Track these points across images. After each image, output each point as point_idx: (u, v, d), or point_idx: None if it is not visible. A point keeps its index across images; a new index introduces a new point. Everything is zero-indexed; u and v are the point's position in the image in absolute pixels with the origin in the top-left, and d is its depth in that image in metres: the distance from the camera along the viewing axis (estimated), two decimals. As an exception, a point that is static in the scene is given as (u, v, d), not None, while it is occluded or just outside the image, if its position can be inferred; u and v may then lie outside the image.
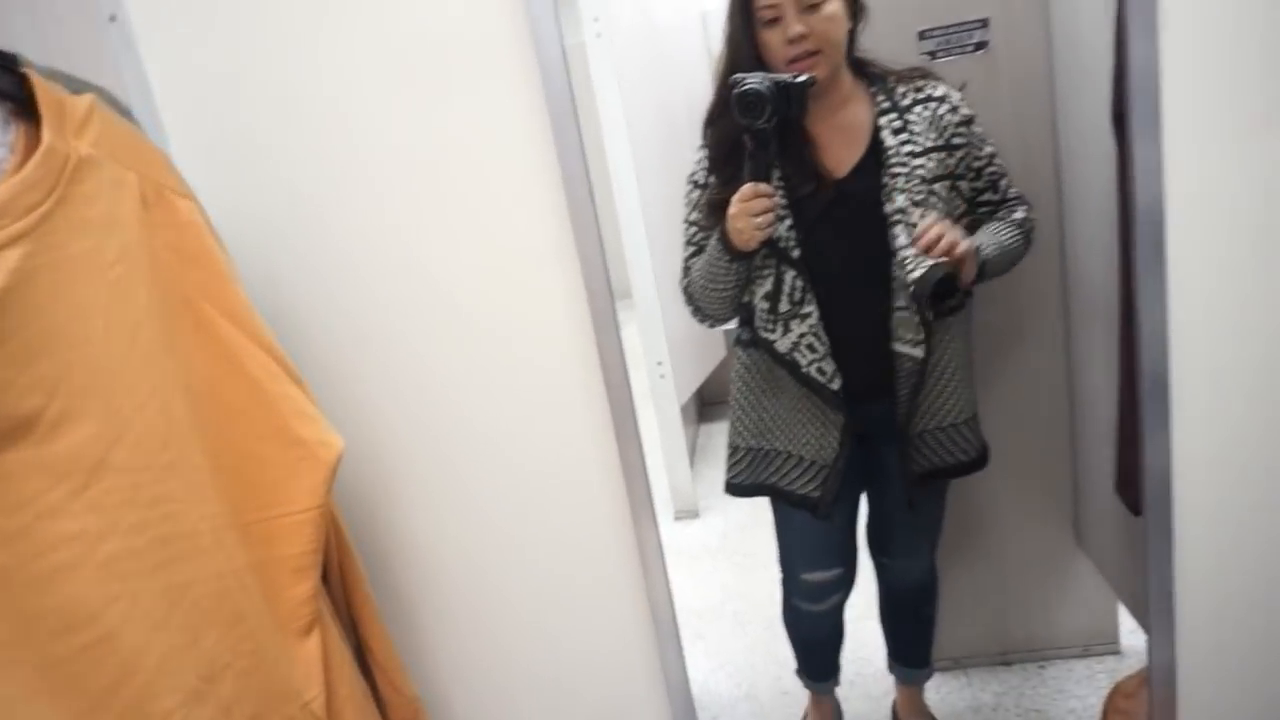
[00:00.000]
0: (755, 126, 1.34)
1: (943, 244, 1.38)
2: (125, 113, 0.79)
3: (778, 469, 1.65)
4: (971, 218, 1.59)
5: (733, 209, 1.39)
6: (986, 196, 1.59)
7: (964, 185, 1.55)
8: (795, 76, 1.36)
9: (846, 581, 1.80)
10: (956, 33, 1.83)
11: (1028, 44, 1.81)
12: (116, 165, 0.72)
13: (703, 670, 2.41)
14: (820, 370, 1.51)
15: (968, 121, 1.54)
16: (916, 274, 1.38)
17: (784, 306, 1.50)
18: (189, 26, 0.94)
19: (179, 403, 0.76)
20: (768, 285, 1.51)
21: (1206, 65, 0.88)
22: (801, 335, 1.50)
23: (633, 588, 1.09)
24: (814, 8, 1.41)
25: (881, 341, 1.51)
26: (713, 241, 1.48)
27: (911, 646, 1.96)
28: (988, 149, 1.57)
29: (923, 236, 1.39)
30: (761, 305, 1.53)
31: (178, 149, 0.87)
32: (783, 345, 1.53)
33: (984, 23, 1.82)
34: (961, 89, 1.58)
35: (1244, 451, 0.95)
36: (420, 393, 1.04)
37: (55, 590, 0.62)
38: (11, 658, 0.57)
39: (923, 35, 1.84)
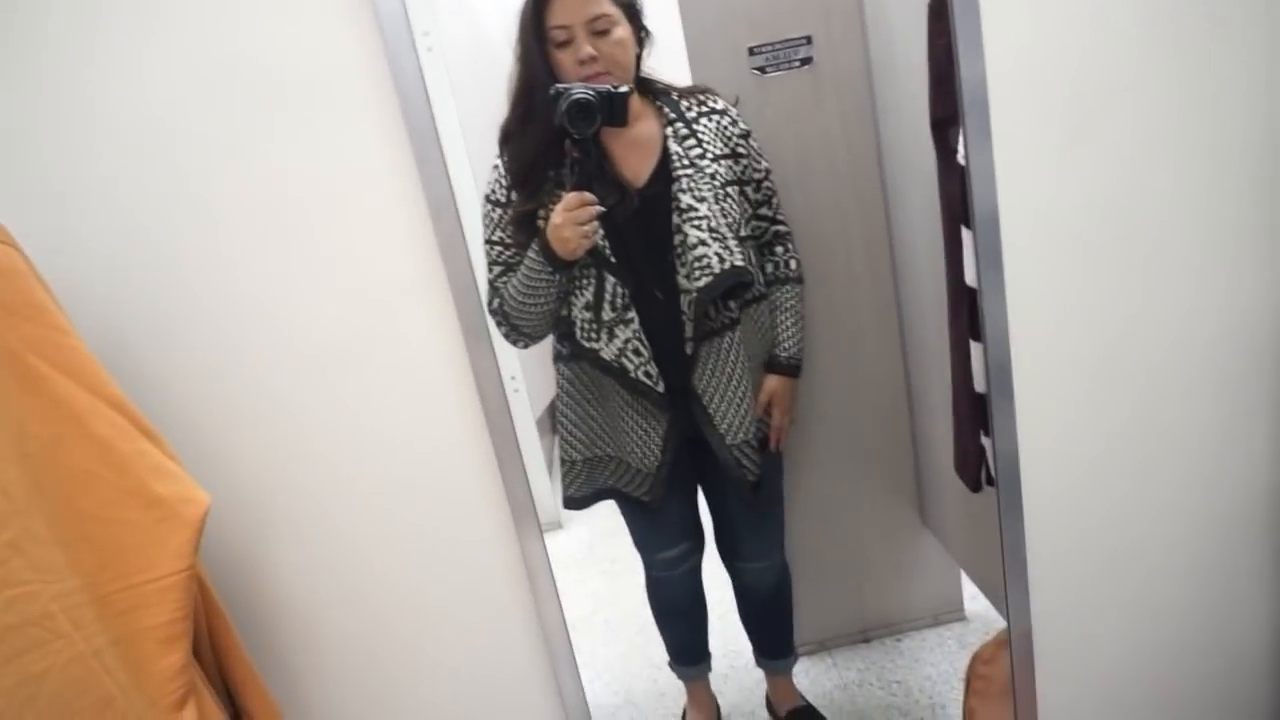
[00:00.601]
0: (583, 135, 1.37)
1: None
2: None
3: (611, 472, 1.71)
4: (751, 234, 1.69)
5: (557, 218, 1.41)
6: (762, 211, 1.72)
7: (750, 190, 1.67)
8: (615, 86, 1.41)
9: (695, 549, 1.91)
10: (783, 48, 1.93)
11: (849, 58, 1.93)
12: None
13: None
14: (647, 374, 1.57)
15: (746, 135, 1.67)
16: (702, 282, 1.50)
17: (607, 314, 1.54)
18: (11, 56, 0.84)
19: (13, 474, 0.67)
20: (588, 294, 1.55)
21: (1028, 83, 0.97)
22: (626, 340, 1.55)
23: (523, 605, 1.07)
24: (603, 33, 1.48)
25: (685, 342, 1.59)
26: (530, 254, 1.49)
27: (773, 639, 2.05)
28: (764, 164, 1.70)
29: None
30: (583, 315, 1.56)
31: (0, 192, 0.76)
32: (609, 352, 1.57)
33: (808, 39, 1.92)
34: (735, 103, 1.71)
35: (1082, 432, 1.06)
36: (288, 435, 0.98)
37: None
38: None
39: (752, 51, 1.93)
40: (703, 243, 1.53)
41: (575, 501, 1.74)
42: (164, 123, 0.89)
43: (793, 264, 1.76)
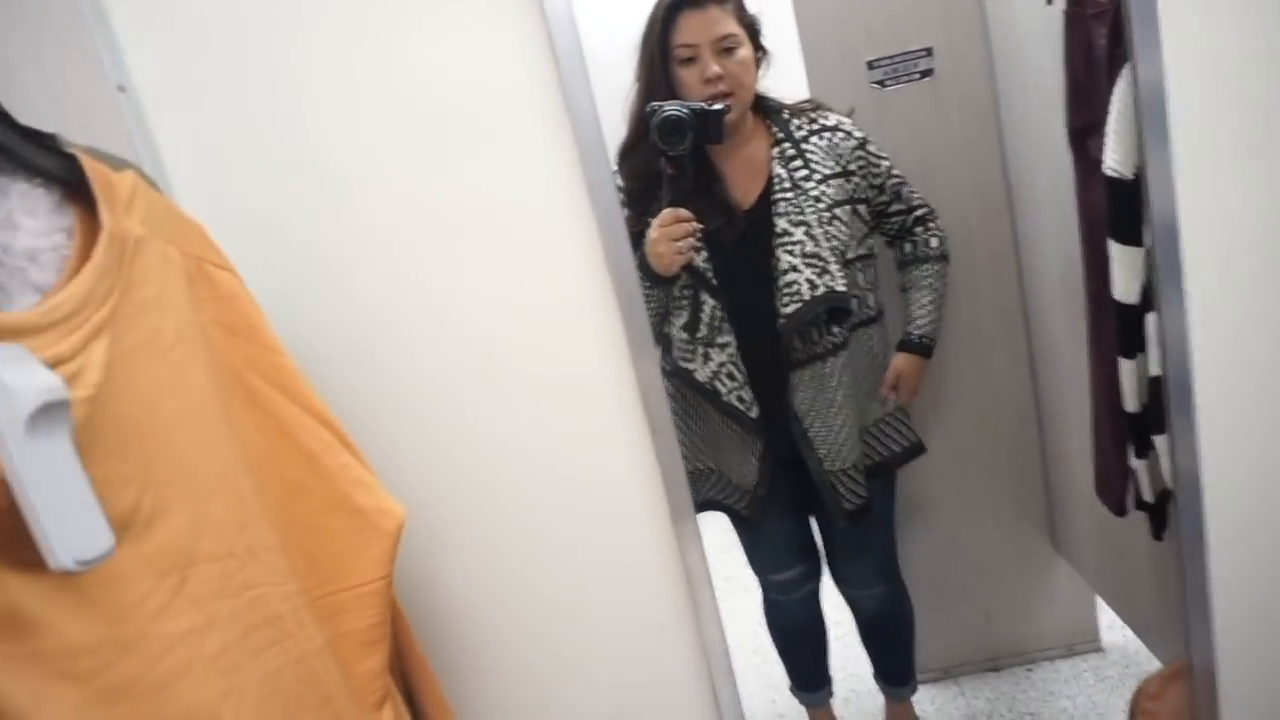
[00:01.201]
0: (675, 152, 1.38)
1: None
2: (155, 187, 0.75)
3: (713, 484, 1.70)
4: (882, 230, 1.71)
5: (653, 233, 1.43)
6: (895, 208, 1.70)
7: (863, 209, 1.64)
8: (711, 104, 1.42)
9: (811, 573, 1.88)
10: (903, 61, 1.91)
11: (971, 69, 1.89)
12: (162, 242, 0.68)
13: (695, 705, 2.39)
14: (740, 398, 1.56)
15: (862, 144, 1.64)
16: (791, 309, 1.50)
17: (702, 332, 1.55)
18: (200, 94, 0.90)
19: (245, 483, 0.71)
20: (685, 314, 1.55)
21: (1208, 90, 0.94)
22: (721, 364, 1.55)
23: (683, 622, 1.08)
24: (729, 51, 1.49)
25: (782, 367, 1.58)
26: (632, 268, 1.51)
27: (890, 665, 2.00)
28: (884, 164, 1.68)
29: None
30: (680, 335, 1.57)
31: (209, 222, 0.82)
32: (703, 375, 1.57)
33: (928, 51, 1.89)
34: (850, 114, 1.69)
35: (1269, 453, 1.00)
36: (462, 450, 1.01)
37: (177, 697, 0.57)
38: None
39: (871, 65, 1.91)
40: (794, 269, 1.52)
41: None
42: (351, 151, 0.94)
43: (933, 242, 1.74)
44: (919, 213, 1.73)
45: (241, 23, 0.90)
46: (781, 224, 1.53)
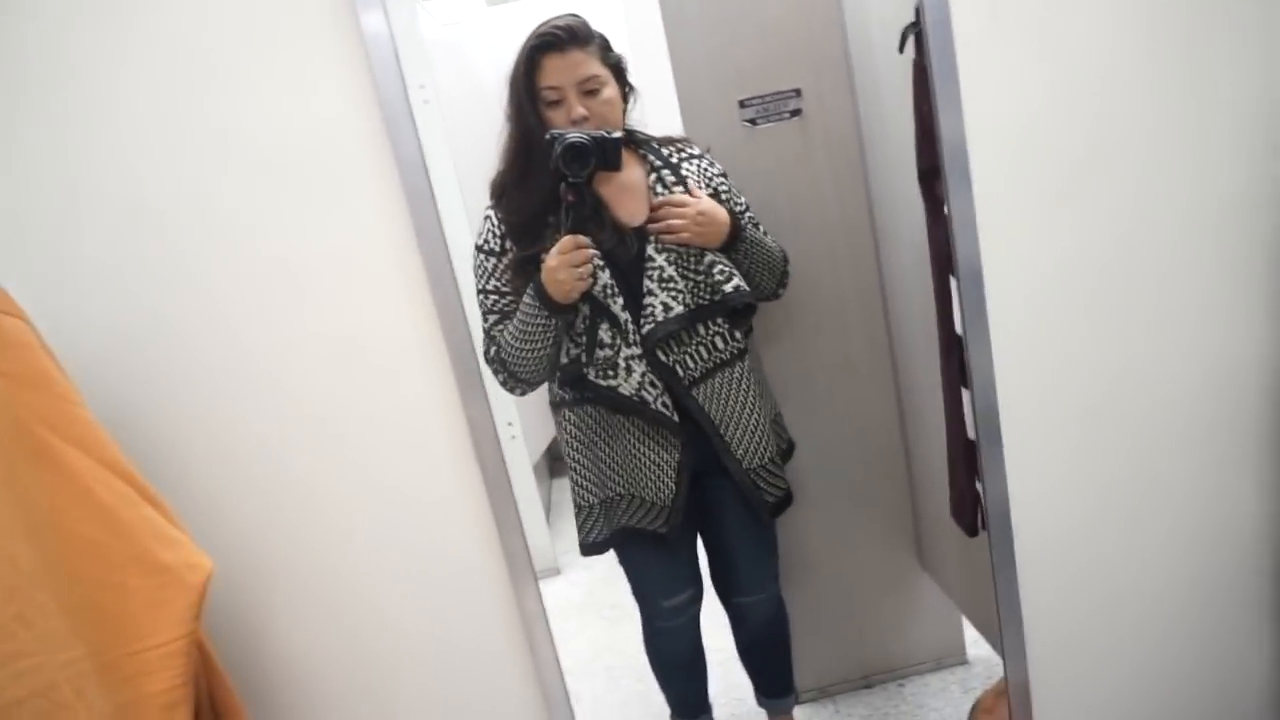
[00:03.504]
0: (577, 178, 1.42)
1: (677, 216, 1.56)
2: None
3: (625, 510, 1.71)
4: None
5: (552, 261, 1.45)
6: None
7: None
8: (609, 132, 1.47)
9: (697, 598, 1.90)
10: (773, 100, 1.98)
11: (836, 111, 1.98)
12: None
13: (581, 732, 2.37)
14: (665, 404, 1.60)
15: (724, 174, 1.73)
16: (645, 329, 1.56)
17: (604, 352, 1.58)
18: (18, 139, 0.87)
19: (21, 545, 0.68)
20: (603, 333, 1.57)
21: (1007, 143, 1.01)
22: (643, 374, 1.59)
23: (519, 660, 1.08)
24: (593, 93, 1.54)
25: (682, 378, 1.63)
26: (526, 300, 1.53)
27: (774, 676, 2.05)
28: (743, 200, 1.76)
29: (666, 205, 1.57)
30: (600, 354, 1.59)
31: (8, 269, 0.79)
32: (628, 387, 1.59)
33: (797, 92, 1.97)
34: (708, 150, 1.78)
35: (1074, 480, 1.08)
36: (289, 496, 0.99)
37: None
38: None
39: (743, 104, 1.98)
40: (651, 293, 1.57)
41: (594, 547, 1.74)
42: (162, 194, 0.91)
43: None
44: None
45: (62, 59, 0.87)
46: (649, 250, 1.57)
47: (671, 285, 1.58)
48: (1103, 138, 1.07)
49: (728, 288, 1.60)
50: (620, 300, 1.57)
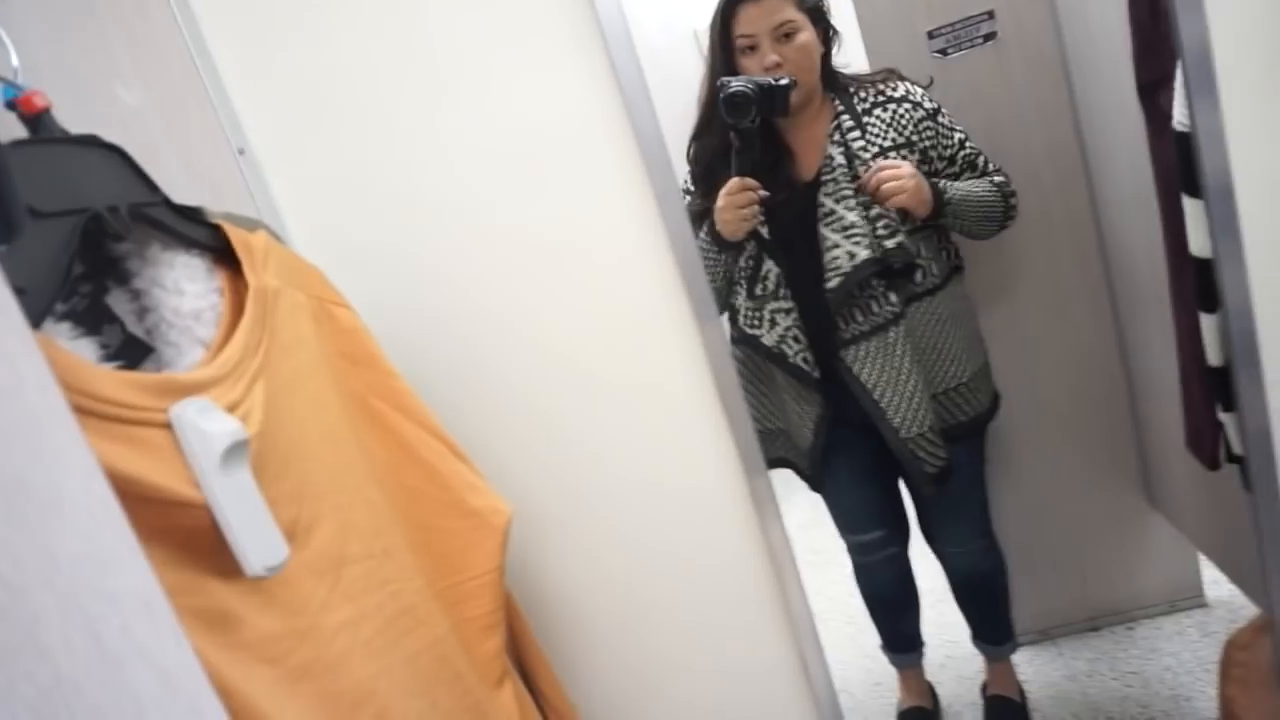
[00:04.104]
0: (742, 125, 1.45)
1: (885, 186, 1.53)
2: (279, 239, 0.87)
3: (781, 444, 1.79)
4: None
5: (720, 201, 1.51)
6: (967, 176, 1.70)
7: (940, 169, 1.66)
8: (777, 79, 1.48)
9: (894, 539, 1.92)
10: (964, 27, 1.90)
11: (1035, 30, 1.87)
12: (291, 289, 0.80)
13: (795, 673, 2.46)
14: (805, 359, 1.63)
15: (931, 115, 1.65)
16: (834, 282, 1.55)
17: (759, 292, 1.62)
18: (308, 151, 1.03)
19: (376, 493, 0.83)
20: (747, 278, 1.63)
21: (1255, 44, 0.95)
22: (787, 329, 1.62)
23: (770, 598, 1.16)
24: (788, 37, 1.54)
25: (837, 336, 1.63)
26: (701, 235, 1.59)
27: (987, 625, 2.02)
28: (957, 135, 1.68)
29: (872, 177, 1.54)
30: (746, 303, 1.64)
31: (326, 268, 0.94)
32: (769, 339, 1.64)
33: (990, 14, 1.88)
34: (929, 86, 1.70)
35: None
36: (562, 451, 1.12)
37: (344, 674, 0.69)
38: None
39: (931, 35, 1.91)
40: (836, 245, 1.57)
41: None
42: (445, 187, 1.04)
43: (996, 179, 1.71)
44: (995, 180, 1.72)
45: (342, 85, 1.02)
46: (828, 202, 1.58)
47: (855, 230, 1.57)
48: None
49: (889, 244, 1.56)
50: (775, 253, 1.60)
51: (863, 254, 1.55)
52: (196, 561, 0.58)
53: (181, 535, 0.57)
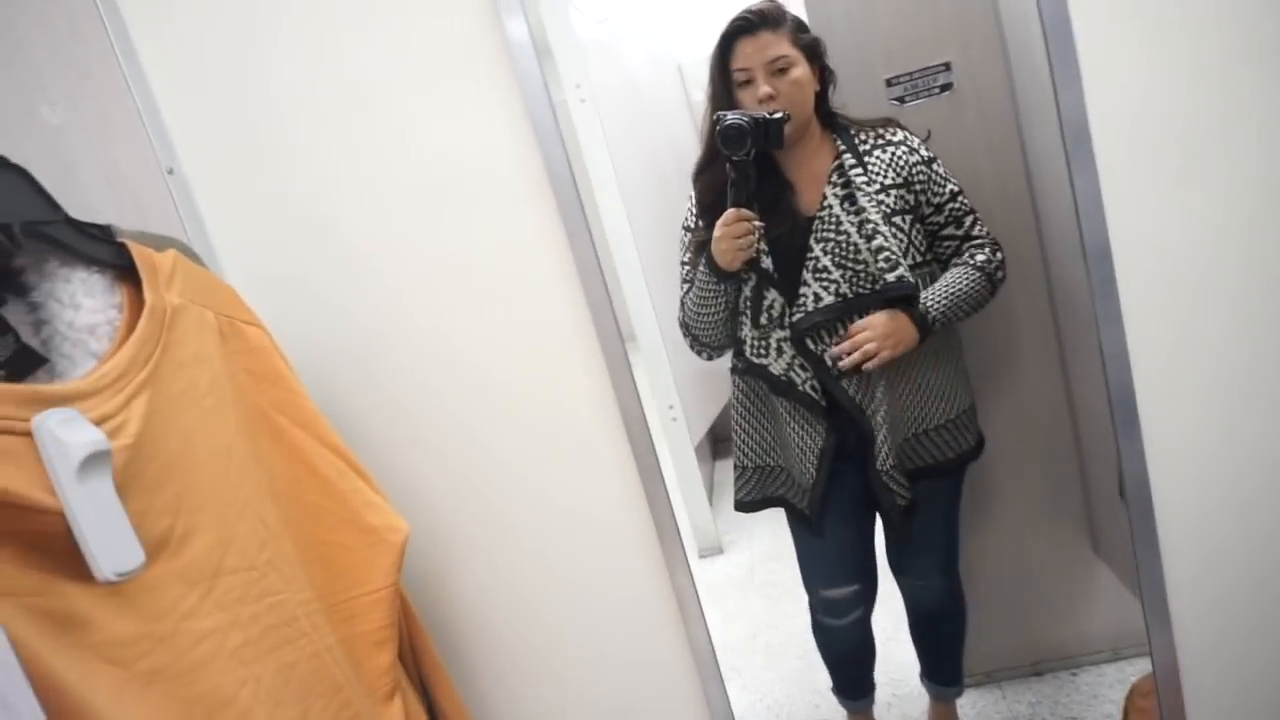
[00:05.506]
0: (736, 158, 1.49)
1: (857, 354, 1.58)
2: (195, 257, 0.90)
3: (781, 481, 1.78)
4: (934, 253, 1.73)
5: (717, 232, 1.54)
6: (949, 231, 1.73)
7: (930, 216, 1.70)
8: (772, 113, 1.53)
9: (864, 597, 1.91)
10: (921, 77, 1.95)
11: (990, 82, 1.92)
12: (198, 307, 0.83)
13: (741, 704, 2.46)
14: (813, 387, 1.65)
15: (928, 162, 1.69)
16: (796, 317, 1.57)
17: (763, 321, 1.64)
18: (239, 174, 1.07)
19: (269, 507, 0.86)
20: (754, 307, 1.65)
21: (1129, 120, 0.99)
22: (793, 357, 1.64)
23: (672, 628, 1.18)
24: (782, 71, 1.59)
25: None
26: (700, 267, 1.62)
27: (939, 663, 2.04)
28: (950, 187, 1.72)
29: (847, 341, 1.59)
30: (752, 333, 1.66)
31: (235, 283, 0.98)
32: (777, 368, 1.66)
33: (947, 66, 1.93)
34: (926, 137, 1.73)
35: (1214, 456, 1.04)
36: (466, 469, 1.15)
37: (202, 680, 0.71)
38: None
39: (890, 82, 1.96)
40: (805, 284, 1.61)
41: (745, 505, 1.83)
42: (365, 216, 1.09)
43: (979, 256, 1.72)
44: (977, 242, 1.74)
45: (273, 112, 1.06)
46: (811, 241, 1.62)
47: (825, 276, 1.62)
48: (1229, 111, 1.01)
49: (890, 276, 1.60)
50: (779, 284, 1.63)
51: (827, 299, 1.60)
52: (52, 564, 0.61)
53: (39, 539, 0.60)
